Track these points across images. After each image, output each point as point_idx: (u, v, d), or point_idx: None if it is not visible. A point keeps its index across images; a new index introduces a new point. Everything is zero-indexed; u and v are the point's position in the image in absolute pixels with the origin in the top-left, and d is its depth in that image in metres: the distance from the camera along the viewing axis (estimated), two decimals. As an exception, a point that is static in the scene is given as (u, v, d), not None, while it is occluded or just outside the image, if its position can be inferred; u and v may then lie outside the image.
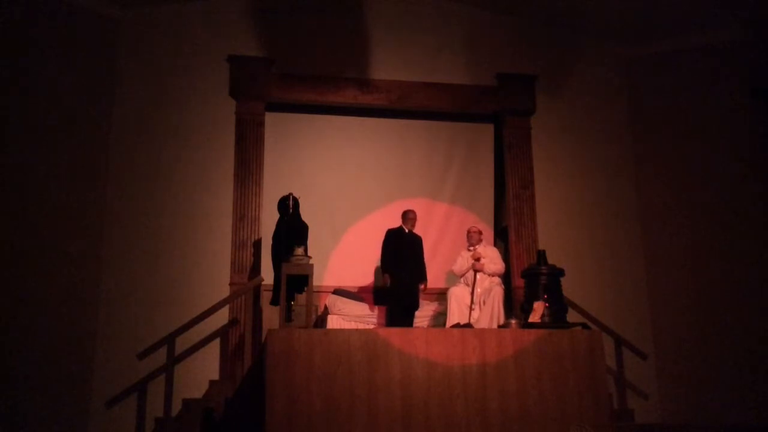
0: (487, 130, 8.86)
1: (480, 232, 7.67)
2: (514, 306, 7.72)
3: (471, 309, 7.18)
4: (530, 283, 6.49)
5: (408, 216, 7.56)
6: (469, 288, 7.31)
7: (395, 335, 5.65)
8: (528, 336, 5.85)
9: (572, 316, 6.81)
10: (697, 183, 8.44)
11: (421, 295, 7.57)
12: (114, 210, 7.71)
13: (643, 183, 8.80)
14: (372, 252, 7.75)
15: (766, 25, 8.25)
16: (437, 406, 5.50)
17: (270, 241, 7.45)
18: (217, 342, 7.54)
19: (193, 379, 7.24)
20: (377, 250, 7.52)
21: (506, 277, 7.84)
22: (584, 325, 6.34)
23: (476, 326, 6.86)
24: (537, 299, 6.28)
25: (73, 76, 7.63)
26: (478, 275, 7.35)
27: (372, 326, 7.29)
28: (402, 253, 7.35)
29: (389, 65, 8.42)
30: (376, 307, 7.74)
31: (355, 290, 8.02)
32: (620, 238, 8.62)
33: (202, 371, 7.36)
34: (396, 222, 7.61)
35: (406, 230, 7.51)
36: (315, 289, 7.12)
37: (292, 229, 7.16)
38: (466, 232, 7.76)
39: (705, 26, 8.44)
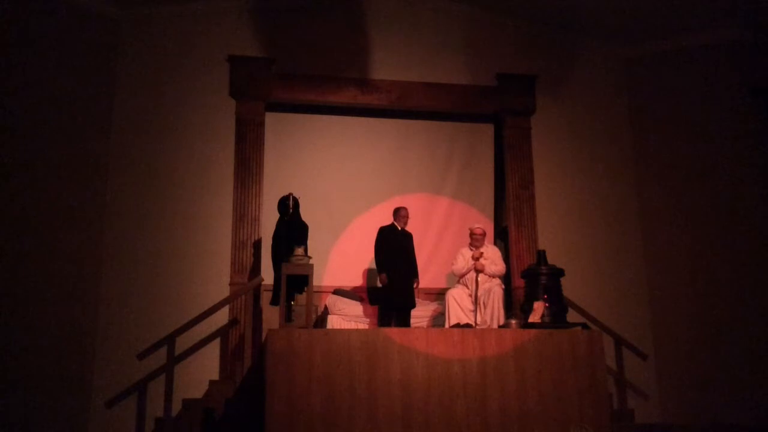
0: (487, 130, 8.86)
1: (484, 234, 7.34)
2: (514, 306, 7.71)
3: (474, 312, 7.01)
4: (530, 283, 6.49)
5: (400, 213, 7.44)
6: (469, 289, 7.13)
7: (395, 335, 5.65)
8: (528, 336, 5.86)
9: (572, 316, 6.81)
10: (697, 183, 8.43)
11: (420, 295, 7.53)
12: (114, 210, 7.70)
13: (643, 183, 8.79)
14: (372, 252, 7.74)
15: (766, 25, 8.25)
16: (437, 406, 5.51)
17: (270, 241, 7.45)
18: (217, 342, 7.53)
19: (193, 379, 7.24)
20: (375, 250, 7.48)
21: (506, 277, 7.80)
22: (584, 325, 6.34)
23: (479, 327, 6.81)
24: (537, 299, 6.29)
25: (73, 76, 7.63)
26: (479, 276, 7.13)
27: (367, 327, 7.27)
28: (395, 251, 7.25)
29: (389, 65, 8.41)
30: (372, 307, 7.66)
31: (355, 290, 8.01)
32: (620, 238, 8.62)
33: (202, 371, 7.35)
34: (396, 222, 7.58)
35: (399, 228, 7.41)
36: (315, 289, 7.12)
37: (292, 229, 7.16)
38: (469, 233, 7.38)
39: (705, 26, 8.44)
